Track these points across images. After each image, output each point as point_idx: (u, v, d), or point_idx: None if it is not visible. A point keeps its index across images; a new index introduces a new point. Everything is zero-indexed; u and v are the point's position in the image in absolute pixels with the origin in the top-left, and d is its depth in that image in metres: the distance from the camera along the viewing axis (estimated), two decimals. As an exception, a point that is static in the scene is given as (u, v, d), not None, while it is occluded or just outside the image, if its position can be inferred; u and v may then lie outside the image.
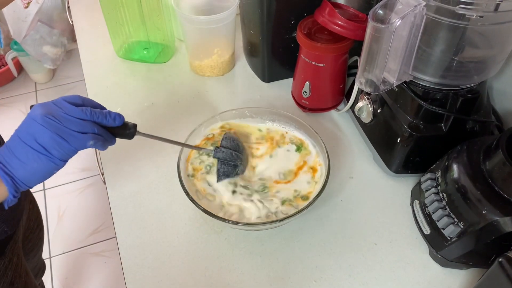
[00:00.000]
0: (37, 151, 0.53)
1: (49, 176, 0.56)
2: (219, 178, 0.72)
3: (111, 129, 0.61)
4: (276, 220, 0.65)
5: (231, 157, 0.72)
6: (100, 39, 1.14)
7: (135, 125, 0.64)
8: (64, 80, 2.42)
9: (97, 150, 0.92)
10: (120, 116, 0.61)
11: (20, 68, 2.42)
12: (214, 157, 0.72)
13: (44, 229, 1.04)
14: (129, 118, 0.92)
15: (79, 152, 0.57)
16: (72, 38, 2.30)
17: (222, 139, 0.74)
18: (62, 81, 2.40)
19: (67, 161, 0.56)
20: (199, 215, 0.74)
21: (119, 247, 0.71)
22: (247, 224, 0.67)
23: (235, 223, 0.66)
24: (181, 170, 0.71)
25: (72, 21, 1.25)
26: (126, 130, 0.63)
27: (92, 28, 1.19)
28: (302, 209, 0.66)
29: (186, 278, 0.68)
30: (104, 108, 0.61)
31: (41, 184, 1.95)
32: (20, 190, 0.55)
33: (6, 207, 0.56)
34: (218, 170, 0.72)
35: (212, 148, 0.74)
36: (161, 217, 0.75)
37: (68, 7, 1.30)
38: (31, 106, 0.57)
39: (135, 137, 0.61)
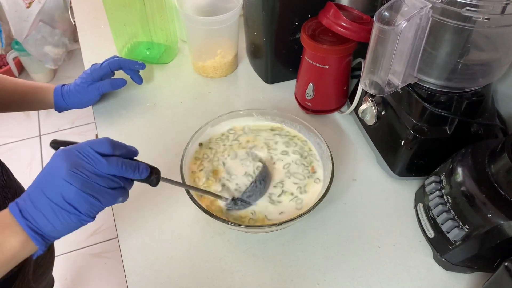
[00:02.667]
0: (66, 210, 0.50)
1: (78, 228, 0.53)
2: (227, 208, 0.71)
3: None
4: (277, 224, 0.65)
5: (245, 206, 0.71)
6: (102, 39, 1.14)
7: (158, 173, 0.59)
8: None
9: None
10: (147, 169, 0.57)
11: (21, 68, 2.42)
12: (227, 208, 0.70)
13: (54, 248, 1.03)
14: (132, 119, 0.92)
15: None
16: (74, 38, 2.30)
17: (256, 175, 0.72)
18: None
19: (95, 217, 0.53)
20: (201, 216, 0.74)
21: (121, 249, 0.71)
22: (247, 226, 0.67)
23: (236, 224, 0.66)
24: (184, 171, 0.71)
25: (74, 21, 1.25)
26: (149, 181, 0.58)
27: (95, 28, 1.18)
28: (305, 213, 0.65)
29: (188, 280, 0.67)
30: (132, 151, 0.57)
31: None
32: (49, 243, 0.53)
33: (34, 258, 0.54)
34: (227, 205, 0.70)
35: (228, 199, 0.70)
36: (163, 219, 0.75)
37: (70, 7, 1.30)
38: (52, 144, 0.52)
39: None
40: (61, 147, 0.52)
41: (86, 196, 0.50)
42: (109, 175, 0.52)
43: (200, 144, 0.78)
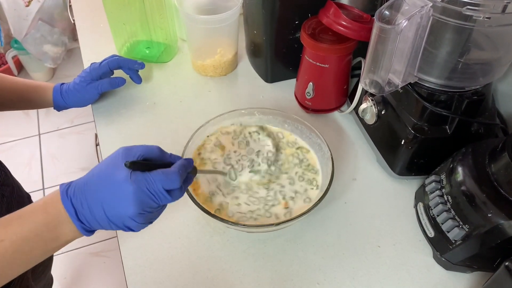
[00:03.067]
0: (119, 227, 0.53)
1: None
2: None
3: None
4: (277, 223, 0.65)
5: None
6: (102, 38, 1.13)
7: (195, 170, 0.61)
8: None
9: (98, 148, 0.92)
10: (192, 178, 0.60)
11: (20, 67, 2.41)
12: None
13: None
14: (131, 118, 0.92)
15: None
16: (73, 37, 2.29)
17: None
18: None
19: None
20: (201, 216, 0.74)
21: (120, 248, 0.71)
22: (246, 225, 0.66)
23: (235, 224, 0.65)
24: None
25: (73, 20, 1.25)
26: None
27: (94, 27, 1.18)
28: (305, 212, 0.65)
29: (188, 279, 0.67)
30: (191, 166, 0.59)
31: (40, 183, 1.94)
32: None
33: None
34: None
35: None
36: (163, 218, 0.74)
37: (70, 5, 1.30)
38: (128, 165, 0.51)
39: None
40: (134, 168, 0.52)
41: (144, 225, 0.54)
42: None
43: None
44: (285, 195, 0.72)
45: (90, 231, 0.53)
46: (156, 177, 0.52)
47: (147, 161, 0.54)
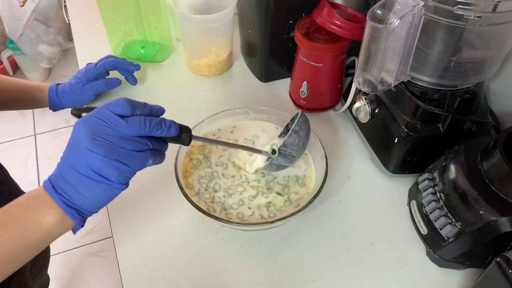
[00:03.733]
0: (96, 180, 0.48)
1: (113, 199, 0.51)
2: (266, 169, 0.71)
3: (164, 138, 0.55)
4: (271, 221, 0.65)
5: (288, 161, 0.70)
6: (97, 38, 1.13)
7: (189, 131, 0.57)
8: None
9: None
10: (175, 124, 0.54)
11: (15, 67, 2.41)
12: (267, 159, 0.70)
13: (49, 245, 1.03)
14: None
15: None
16: (68, 37, 2.29)
17: (295, 123, 0.67)
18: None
19: (128, 183, 0.51)
20: (196, 214, 0.74)
21: (116, 247, 0.71)
22: (240, 223, 0.67)
23: (229, 222, 0.66)
24: (178, 169, 0.71)
25: (68, 20, 1.25)
26: (181, 137, 0.56)
27: (89, 26, 1.18)
28: (299, 210, 0.66)
29: (183, 278, 0.67)
30: (155, 109, 0.54)
31: (37, 183, 1.94)
32: (86, 218, 0.51)
33: (75, 233, 0.53)
34: (269, 165, 0.70)
35: (269, 152, 0.69)
36: (158, 217, 0.75)
37: (65, 5, 1.30)
38: (73, 112, 0.50)
39: None
40: (82, 114, 0.50)
41: (113, 162, 0.48)
42: (133, 136, 0.50)
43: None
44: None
45: (71, 208, 0.49)
46: (101, 106, 0.50)
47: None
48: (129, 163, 0.49)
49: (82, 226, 0.51)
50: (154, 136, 0.53)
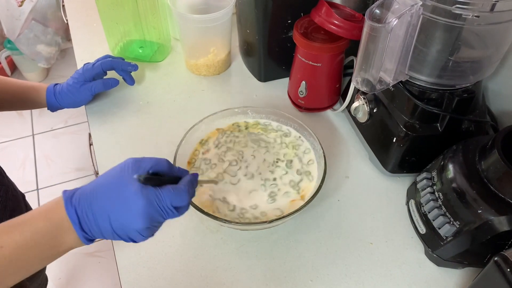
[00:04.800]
0: (123, 239, 0.52)
1: None
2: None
3: None
4: (270, 221, 0.65)
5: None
6: (95, 38, 1.13)
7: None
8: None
9: (92, 148, 0.92)
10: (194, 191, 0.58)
11: (13, 67, 2.40)
12: None
13: None
14: (125, 117, 0.92)
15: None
16: (67, 37, 2.29)
17: None
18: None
19: None
20: (194, 214, 0.74)
21: (114, 247, 0.71)
22: (239, 223, 0.67)
23: (228, 222, 0.66)
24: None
25: (67, 20, 1.25)
26: None
27: (87, 26, 1.18)
28: (298, 210, 0.66)
29: (182, 277, 0.67)
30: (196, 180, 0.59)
31: (35, 183, 1.94)
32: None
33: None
34: None
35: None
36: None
37: (63, 5, 1.30)
38: (140, 179, 0.51)
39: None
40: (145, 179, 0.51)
41: (147, 237, 0.53)
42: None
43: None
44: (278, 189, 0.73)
45: (90, 240, 0.52)
46: (166, 193, 0.52)
47: (157, 176, 0.54)
48: (155, 232, 0.55)
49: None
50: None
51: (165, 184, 0.53)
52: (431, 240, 0.67)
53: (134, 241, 0.52)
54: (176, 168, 0.58)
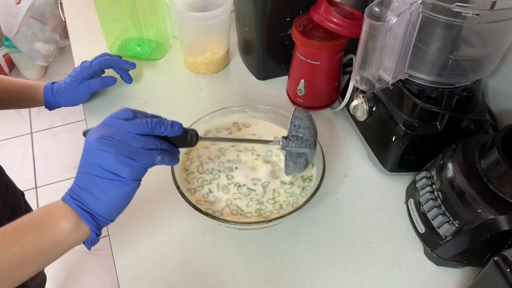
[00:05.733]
0: (108, 178, 0.50)
1: (128, 202, 0.54)
2: (288, 171, 0.69)
3: (172, 140, 0.58)
4: (269, 220, 0.65)
5: (301, 145, 0.66)
6: (93, 36, 1.13)
7: (195, 132, 0.60)
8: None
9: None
10: (177, 123, 0.57)
11: (11, 65, 2.40)
12: (282, 149, 0.67)
13: None
14: (122, 116, 0.92)
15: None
16: (65, 34, 2.28)
17: (293, 118, 0.67)
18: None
19: (140, 180, 0.53)
20: (192, 213, 0.74)
21: (112, 246, 0.71)
22: (237, 222, 0.66)
23: (226, 221, 0.65)
24: (175, 168, 0.71)
25: (64, 17, 1.24)
26: (187, 138, 0.59)
27: (85, 24, 1.17)
28: (296, 209, 0.66)
29: (180, 277, 0.67)
30: (155, 116, 0.58)
31: (33, 182, 1.93)
32: (102, 227, 0.53)
33: (90, 248, 0.54)
34: (286, 163, 0.68)
35: (278, 139, 0.67)
36: (154, 216, 0.74)
37: (61, 3, 1.29)
38: (84, 133, 0.54)
39: None
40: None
41: (123, 159, 0.50)
42: (138, 134, 0.53)
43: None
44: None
45: (86, 212, 0.50)
46: (121, 124, 0.53)
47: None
48: (137, 158, 0.51)
49: (98, 235, 0.53)
50: (161, 136, 0.56)
51: None
52: (430, 240, 0.66)
53: (119, 175, 0.50)
54: (142, 112, 0.57)
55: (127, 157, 0.51)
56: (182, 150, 0.77)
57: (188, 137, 0.59)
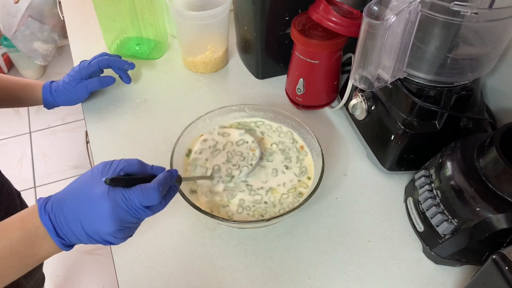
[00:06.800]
0: (101, 243, 0.52)
1: None
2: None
3: None
4: (268, 219, 0.65)
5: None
6: (91, 35, 1.13)
7: (179, 178, 0.61)
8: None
9: (89, 146, 0.91)
10: (177, 187, 0.59)
11: (10, 64, 2.39)
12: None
13: None
14: (122, 115, 0.92)
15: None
16: (63, 34, 2.28)
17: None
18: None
19: None
20: (191, 212, 0.74)
21: (111, 246, 0.71)
22: (236, 221, 0.67)
23: (225, 220, 0.65)
24: (174, 166, 0.71)
25: (63, 17, 1.24)
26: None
27: (84, 23, 1.17)
28: (295, 208, 0.66)
29: (179, 276, 0.67)
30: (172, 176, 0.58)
31: (32, 181, 1.93)
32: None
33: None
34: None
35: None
36: (154, 215, 0.74)
37: (59, 2, 1.29)
38: (107, 181, 0.50)
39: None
40: (113, 183, 0.51)
41: (124, 239, 0.53)
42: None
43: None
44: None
45: (69, 246, 0.52)
46: (134, 193, 0.51)
47: (127, 176, 0.53)
48: (133, 233, 0.55)
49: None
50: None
51: (139, 184, 0.52)
52: (429, 238, 0.67)
53: (112, 243, 0.52)
54: (150, 166, 0.57)
55: (128, 237, 0.54)
56: (182, 152, 0.77)
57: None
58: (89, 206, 0.50)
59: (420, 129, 0.72)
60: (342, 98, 0.87)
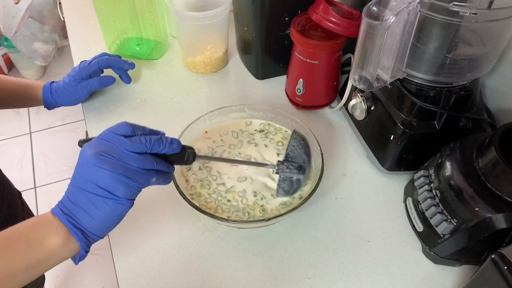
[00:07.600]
0: (102, 196, 0.49)
1: (120, 220, 0.52)
2: (277, 194, 0.70)
3: (168, 157, 0.57)
4: (267, 219, 0.65)
5: (296, 172, 0.68)
6: (92, 35, 1.13)
7: (193, 150, 0.59)
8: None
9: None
10: (176, 140, 0.56)
11: (10, 65, 2.39)
12: (276, 173, 0.69)
13: None
14: (122, 115, 0.92)
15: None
16: (64, 34, 2.28)
17: (290, 143, 0.69)
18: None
19: (134, 200, 0.52)
20: (191, 212, 0.74)
21: (111, 246, 0.71)
22: (236, 221, 0.67)
23: (225, 220, 0.66)
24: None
25: (63, 17, 1.24)
26: (184, 156, 0.58)
27: (84, 24, 1.17)
28: (295, 208, 0.66)
29: (179, 276, 0.67)
30: (155, 131, 0.56)
31: (32, 182, 1.93)
32: (91, 243, 0.51)
33: (77, 263, 0.52)
34: (278, 185, 0.69)
35: (273, 163, 0.68)
36: (154, 215, 0.75)
37: (59, 2, 1.29)
38: (80, 143, 0.53)
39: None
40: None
41: (119, 177, 0.49)
42: (137, 153, 0.52)
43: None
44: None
45: (77, 228, 0.49)
46: (104, 130, 0.52)
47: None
48: (133, 177, 0.51)
49: (87, 252, 0.51)
50: (158, 154, 0.55)
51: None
52: (428, 238, 0.67)
53: (114, 194, 0.50)
54: (141, 127, 0.55)
55: (123, 176, 0.50)
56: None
57: (185, 155, 0.58)
58: (77, 166, 0.51)
59: (420, 129, 0.72)
60: (341, 99, 0.87)
